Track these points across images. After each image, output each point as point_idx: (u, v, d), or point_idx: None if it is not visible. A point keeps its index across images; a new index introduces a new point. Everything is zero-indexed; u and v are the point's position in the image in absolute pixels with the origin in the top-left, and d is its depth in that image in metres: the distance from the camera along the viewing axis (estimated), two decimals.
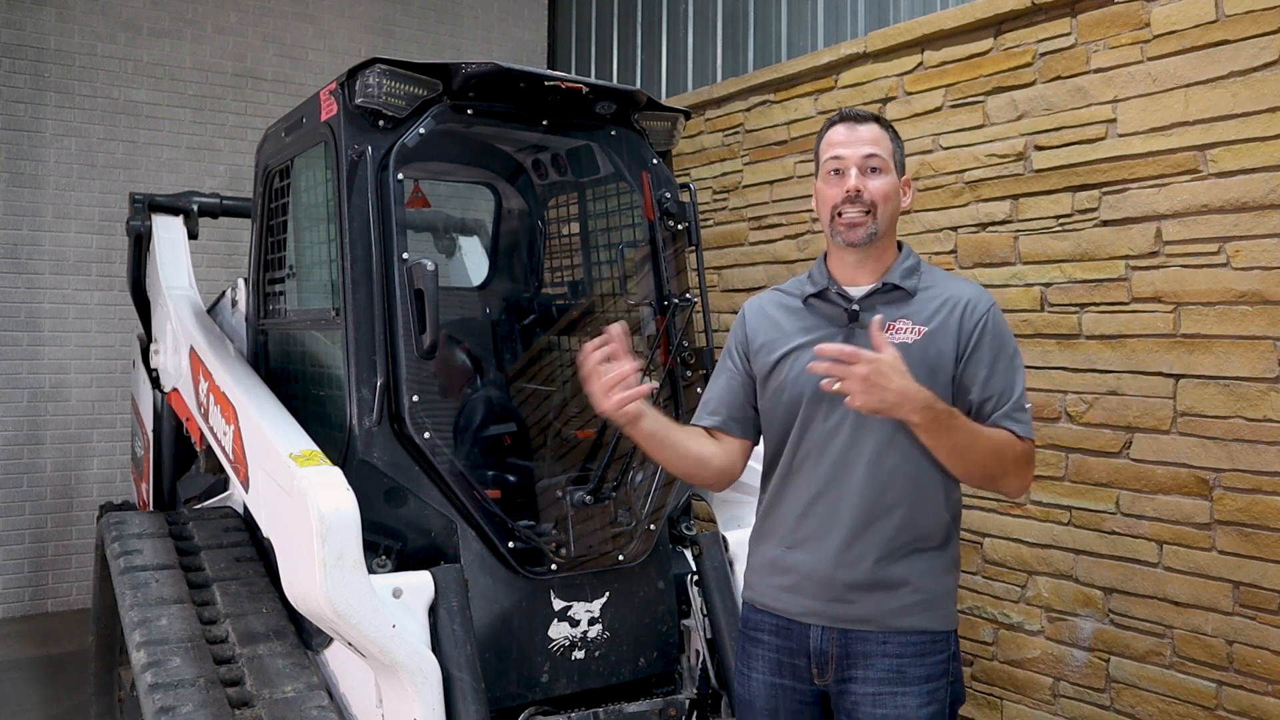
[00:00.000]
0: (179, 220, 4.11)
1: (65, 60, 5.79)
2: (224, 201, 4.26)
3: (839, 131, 2.08)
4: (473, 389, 3.34)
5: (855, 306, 2.04)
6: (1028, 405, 2.01)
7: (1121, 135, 3.33)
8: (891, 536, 1.98)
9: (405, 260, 2.59)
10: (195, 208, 4.15)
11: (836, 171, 2.06)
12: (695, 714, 2.81)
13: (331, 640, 2.65)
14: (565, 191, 3.53)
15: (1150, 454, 3.27)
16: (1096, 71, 3.41)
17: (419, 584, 2.48)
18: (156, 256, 4.01)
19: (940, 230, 3.94)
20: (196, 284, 3.94)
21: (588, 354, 1.93)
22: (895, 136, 2.11)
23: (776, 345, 2.12)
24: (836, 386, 1.81)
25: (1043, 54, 3.58)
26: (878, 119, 2.10)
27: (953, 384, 1.99)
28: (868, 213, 2.02)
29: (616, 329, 1.95)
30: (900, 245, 2.13)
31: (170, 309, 3.73)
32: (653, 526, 2.86)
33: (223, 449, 3.02)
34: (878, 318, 1.87)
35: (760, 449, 2.21)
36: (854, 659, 1.99)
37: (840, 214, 2.04)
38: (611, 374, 1.91)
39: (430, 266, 2.51)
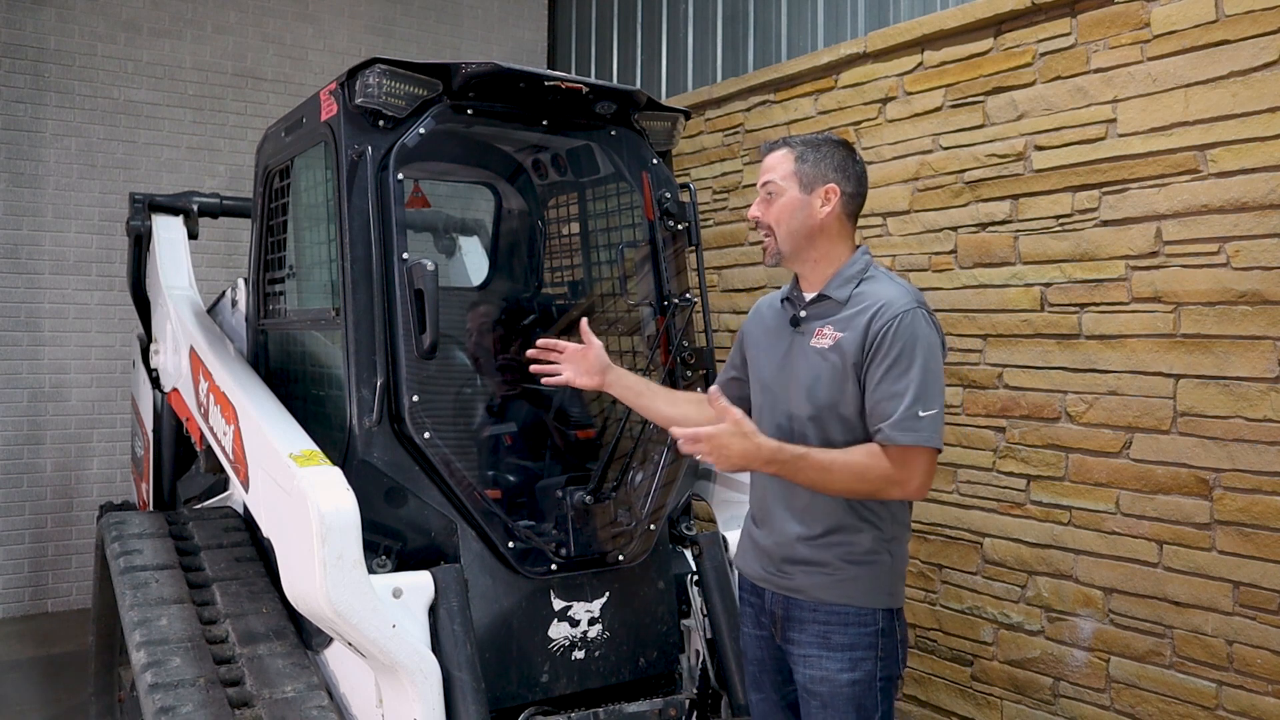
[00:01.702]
0: (179, 220, 4.12)
1: (65, 60, 5.79)
2: (224, 201, 4.26)
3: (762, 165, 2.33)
4: (473, 389, 3.34)
5: (801, 313, 2.27)
6: (924, 412, 2.05)
7: (1121, 135, 3.33)
8: (815, 521, 2.19)
9: (405, 260, 2.59)
10: (195, 208, 4.16)
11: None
12: (695, 714, 2.81)
13: (331, 640, 2.65)
14: (565, 191, 3.53)
15: (1150, 454, 3.27)
16: (1096, 71, 3.41)
17: (419, 584, 2.48)
18: (156, 256, 4.01)
19: (940, 230, 3.94)
20: (196, 284, 3.94)
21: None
22: (807, 152, 2.24)
23: (756, 340, 2.41)
24: (700, 457, 2.08)
25: (1043, 54, 3.58)
26: (789, 142, 2.28)
27: (859, 384, 2.13)
28: (770, 236, 2.26)
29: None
30: (858, 249, 2.28)
31: (170, 309, 3.73)
32: (653, 526, 2.86)
33: (223, 449, 3.02)
34: (714, 389, 2.18)
35: None
36: (793, 622, 2.24)
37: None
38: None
39: (430, 266, 2.51)
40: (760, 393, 2.33)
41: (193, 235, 4.13)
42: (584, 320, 2.44)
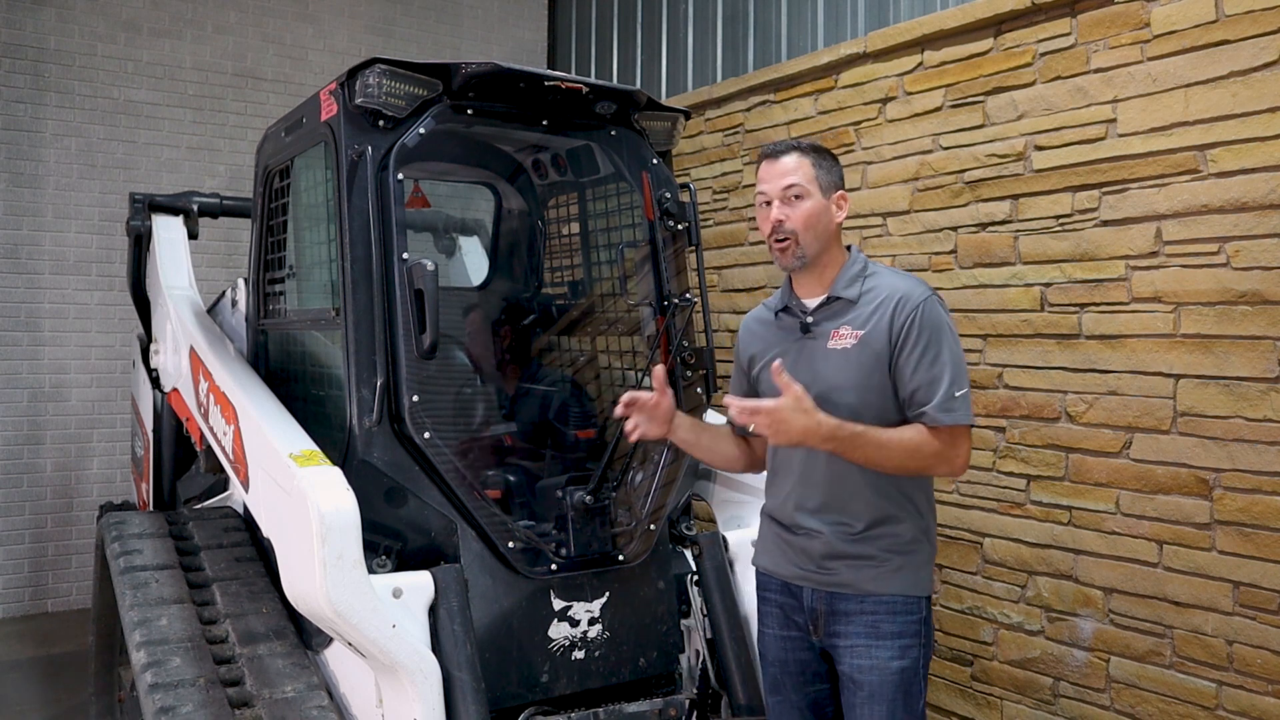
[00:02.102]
0: (179, 220, 4.12)
1: (65, 60, 5.79)
2: (224, 201, 4.26)
3: (763, 168, 2.34)
4: (473, 389, 3.34)
5: (809, 319, 2.32)
6: (959, 392, 2.18)
7: (1121, 135, 3.33)
8: (857, 516, 2.24)
9: (405, 260, 2.59)
10: (195, 208, 4.16)
11: (765, 204, 2.32)
12: (695, 714, 2.81)
13: (331, 640, 2.66)
14: (565, 191, 3.53)
15: (1150, 454, 3.27)
16: (1096, 71, 3.41)
17: (419, 584, 2.48)
18: (156, 256, 4.01)
19: (940, 230, 3.94)
20: (196, 284, 3.94)
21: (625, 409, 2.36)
22: (820, 159, 2.32)
23: (759, 356, 2.42)
24: (752, 429, 2.11)
25: (1043, 54, 3.58)
26: (799, 146, 2.32)
27: (891, 377, 2.21)
28: (792, 239, 2.28)
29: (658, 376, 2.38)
30: (850, 249, 2.37)
31: (170, 309, 3.73)
32: (653, 526, 2.86)
33: (223, 449, 3.02)
34: (777, 363, 2.13)
35: None
36: (838, 617, 2.27)
37: (772, 242, 2.31)
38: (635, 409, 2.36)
39: (430, 266, 2.51)
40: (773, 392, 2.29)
41: (193, 235, 4.13)
42: (659, 369, 2.38)
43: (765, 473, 2.48)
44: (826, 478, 2.26)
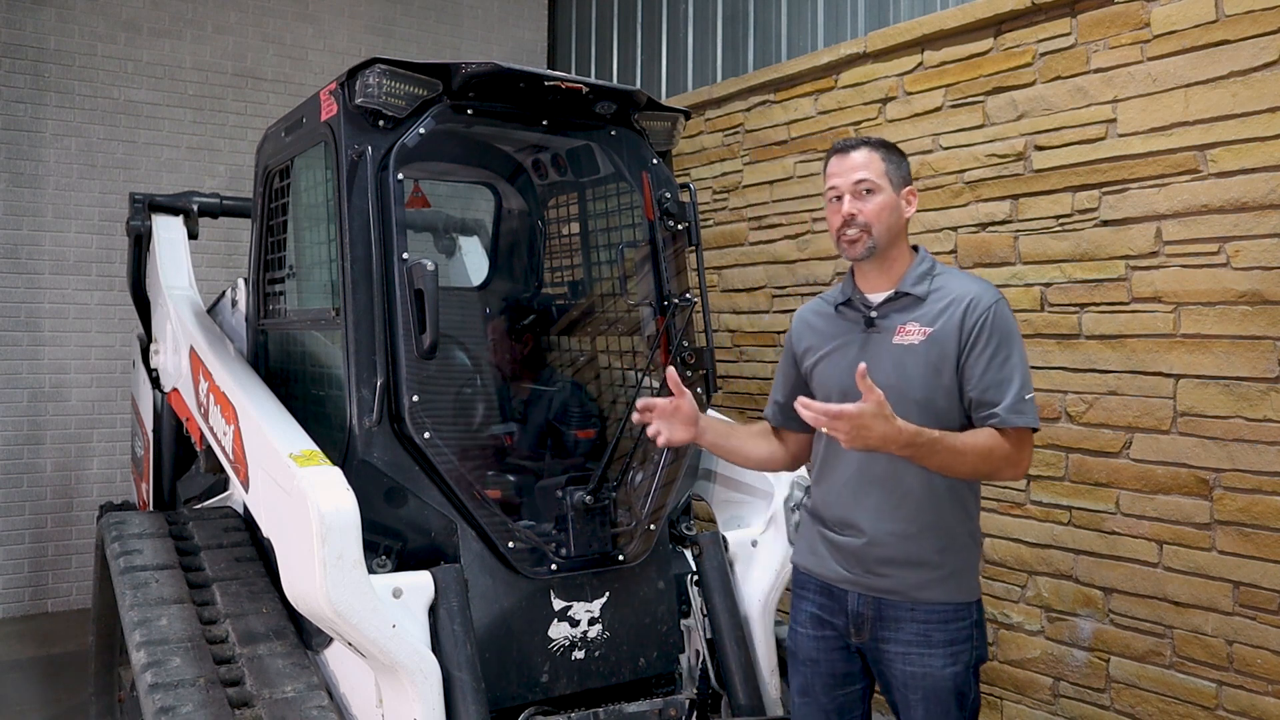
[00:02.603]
0: (179, 220, 4.11)
1: (65, 60, 5.78)
2: (224, 201, 4.26)
3: (832, 163, 2.35)
4: (473, 389, 3.34)
5: (873, 314, 2.29)
6: (1028, 396, 2.16)
7: (1121, 135, 3.33)
8: (911, 518, 2.21)
9: (405, 260, 2.59)
10: (195, 208, 4.15)
11: (836, 199, 2.32)
12: (695, 714, 2.80)
13: (331, 640, 2.65)
14: (565, 191, 3.53)
15: (1150, 454, 3.27)
16: (1096, 71, 3.41)
17: (419, 584, 2.48)
18: (156, 256, 4.01)
19: (940, 230, 3.94)
20: (196, 284, 3.93)
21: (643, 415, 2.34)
22: (890, 154, 2.34)
23: (815, 349, 2.39)
24: (828, 433, 2.05)
25: (1043, 54, 3.58)
26: (869, 142, 2.35)
27: (958, 377, 2.19)
28: (864, 232, 2.27)
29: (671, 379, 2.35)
30: (917, 249, 2.35)
31: (170, 309, 3.73)
32: (653, 526, 2.86)
33: (223, 449, 3.02)
34: (862, 366, 2.04)
35: None
36: (886, 623, 2.25)
37: (841, 235, 2.31)
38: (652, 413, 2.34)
39: (430, 266, 2.50)
40: (840, 398, 2.22)
41: (193, 235, 4.13)
42: (672, 371, 2.34)
43: (813, 472, 2.45)
44: (883, 476, 2.23)
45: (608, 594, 2.78)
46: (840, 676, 2.35)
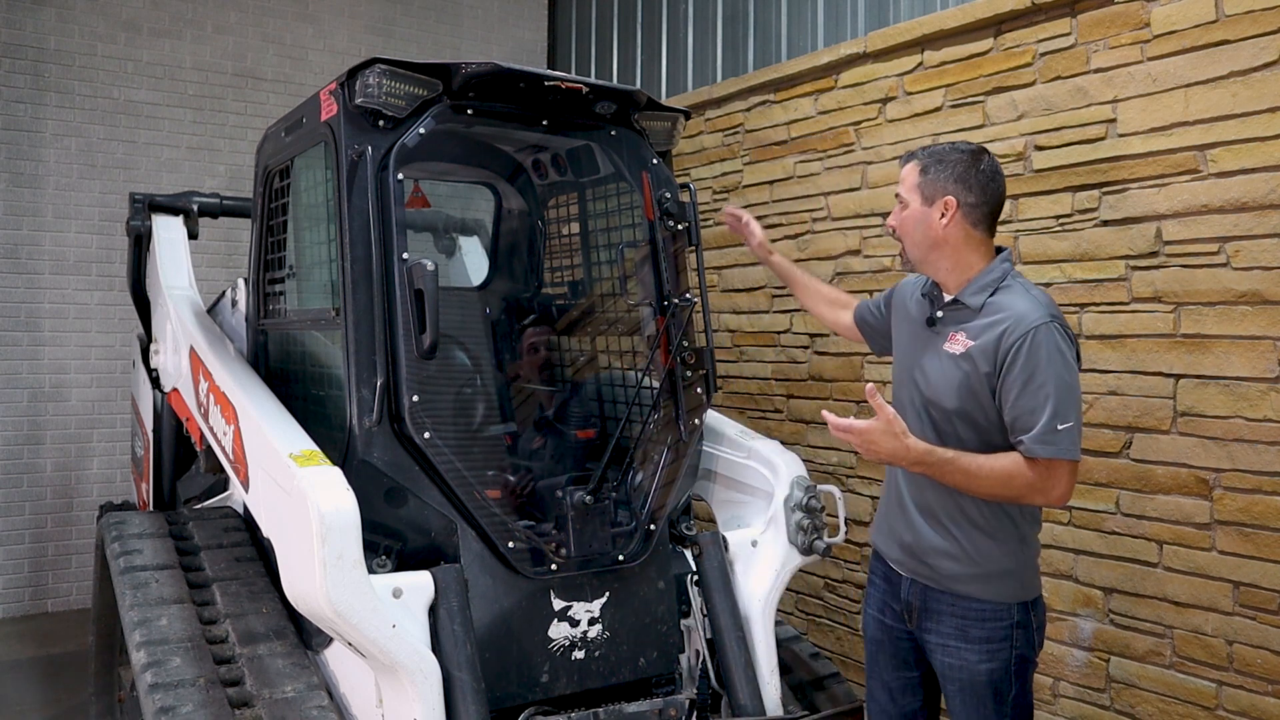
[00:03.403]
0: (179, 220, 4.11)
1: (65, 60, 5.79)
2: (224, 201, 4.26)
3: None
4: (473, 389, 3.34)
5: (938, 314, 2.38)
6: (1062, 426, 2.14)
7: (1121, 135, 3.33)
8: (948, 511, 2.31)
9: (405, 260, 2.59)
10: (195, 208, 4.15)
11: None
12: (695, 714, 2.80)
13: (331, 640, 2.65)
14: (565, 191, 3.52)
15: (1150, 454, 3.27)
16: (1096, 71, 3.41)
17: (419, 584, 2.48)
18: (156, 256, 4.01)
19: None
20: (196, 284, 3.94)
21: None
22: (930, 164, 2.35)
23: (900, 317, 2.55)
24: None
25: (1043, 54, 3.58)
26: (917, 154, 2.40)
27: (994, 397, 2.22)
28: (900, 242, 2.42)
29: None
30: (998, 255, 2.36)
31: (170, 309, 3.73)
32: (653, 526, 2.86)
33: (223, 449, 3.02)
34: (870, 386, 2.16)
35: None
36: (930, 613, 2.37)
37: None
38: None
39: (430, 266, 2.50)
40: (900, 371, 2.45)
41: (193, 235, 4.13)
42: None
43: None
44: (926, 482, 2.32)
45: (608, 594, 2.78)
46: (901, 660, 2.48)
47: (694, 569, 3.00)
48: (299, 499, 2.35)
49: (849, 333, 2.88)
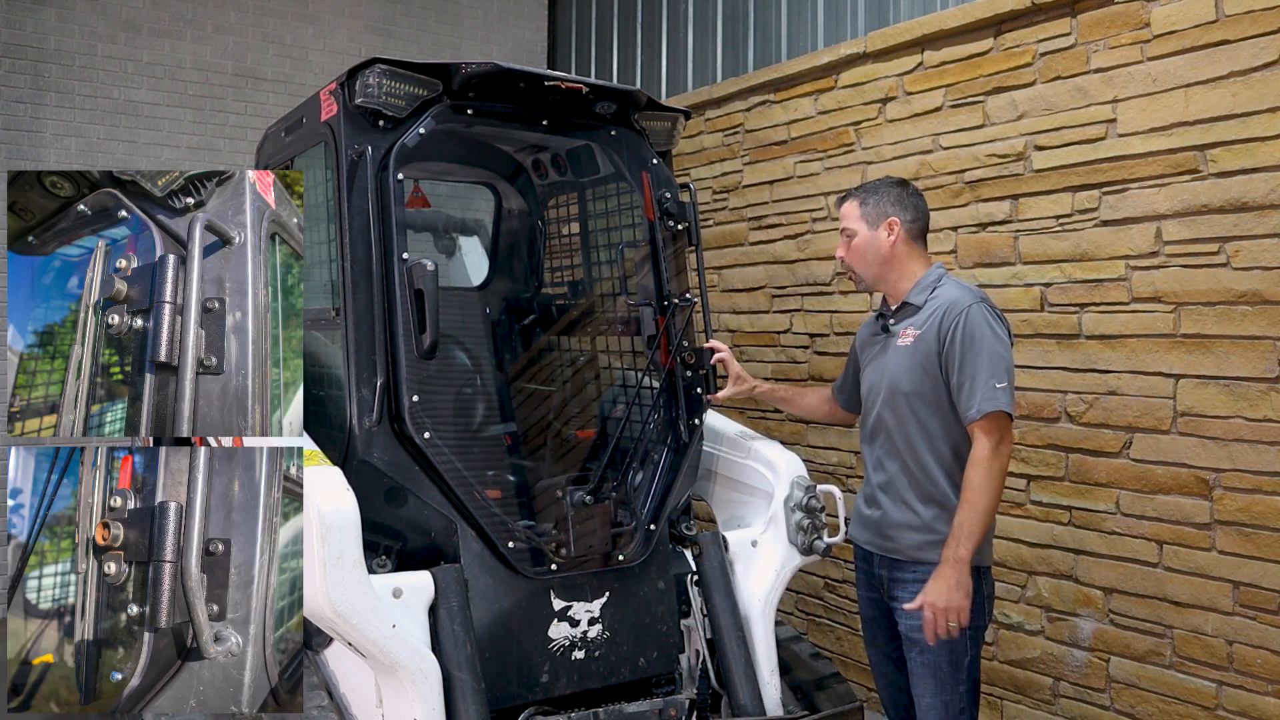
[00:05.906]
0: None
1: (65, 60, 5.78)
2: None
3: None
4: (473, 389, 3.34)
5: (890, 321, 2.76)
6: (999, 384, 2.50)
7: (1121, 135, 3.33)
8: (907, 490, 2.64)
9: (405, 260, 2.59)
10: None
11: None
12: (695, 714, 2.81)
13: (331, 640, 2.65)
14: (565, 191, 3.53)
15: (1150, 454, 3.27)
16: (1096, 71, 3.41)
17: (419, 584, 2.48)
18: None
19: (940, 230, 3.94)
20: None
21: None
22: (868, 196, 2.76)
23: (862, 348, 2.93)
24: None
25: (1043, 54, 3.58)
26: (852, 193, 2.81)
27: (940, 371, 2.58)
28: (850, 271, 2.82)
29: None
30: (933, 264, 2.75)
31: None
32: (652, 526, 2.86)
33: None
34: (909, 606, 2.59)
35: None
36: (895, 582, 2.69)
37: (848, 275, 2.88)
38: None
39: (430, 266, 2.51)
40: (867, 386, 2.82)
41: None
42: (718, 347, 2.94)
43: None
44: (887, 452, 2.69)
45: (608, 594, 2.78)
46: (890, 631, 2.76)
47: (694, 569, 3.00)
48: None
49: (849, 408, 3.09)
